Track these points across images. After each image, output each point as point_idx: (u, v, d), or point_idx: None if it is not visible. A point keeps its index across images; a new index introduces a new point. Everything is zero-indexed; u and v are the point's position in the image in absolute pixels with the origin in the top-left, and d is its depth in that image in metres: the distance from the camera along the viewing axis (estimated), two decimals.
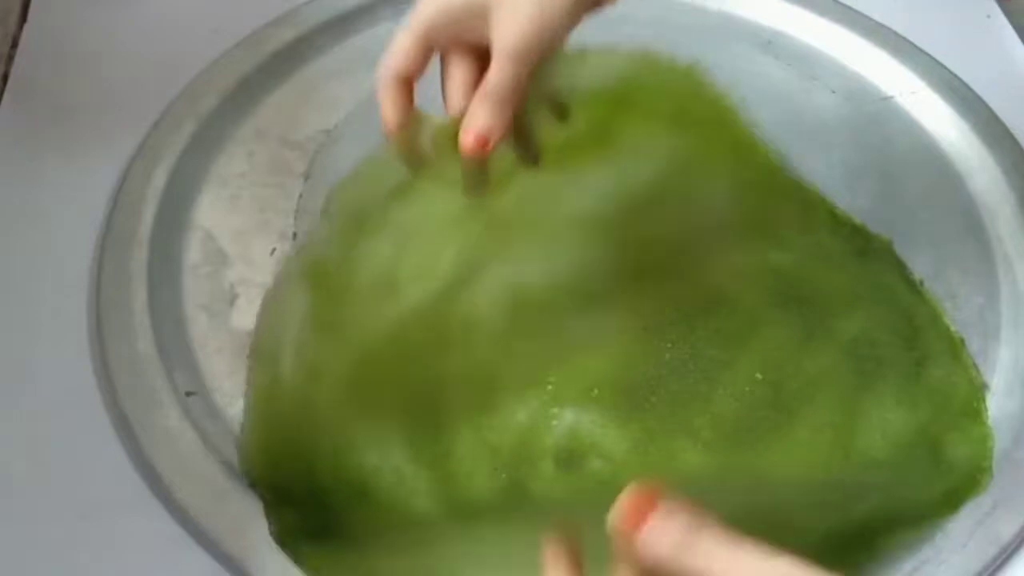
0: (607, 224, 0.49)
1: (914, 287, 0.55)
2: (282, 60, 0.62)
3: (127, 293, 0.51)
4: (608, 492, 0.44)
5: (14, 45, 0.63)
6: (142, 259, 0.52)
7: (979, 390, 0.51)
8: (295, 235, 0.55)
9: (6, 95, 0.60)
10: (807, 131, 0.61)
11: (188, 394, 0.48)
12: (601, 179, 0.49)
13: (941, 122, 0.62)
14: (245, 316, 0.52)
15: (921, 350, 0.52)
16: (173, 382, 0.48)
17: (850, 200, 0.58)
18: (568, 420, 0.47)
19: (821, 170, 0.59)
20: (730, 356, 0.49)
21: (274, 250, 0.54)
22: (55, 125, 0.59)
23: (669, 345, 0.49)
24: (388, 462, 0.46)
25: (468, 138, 0.41)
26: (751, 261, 0.53)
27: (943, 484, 0.48)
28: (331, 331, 0.48)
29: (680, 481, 0.46)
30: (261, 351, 0.50)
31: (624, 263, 0.48)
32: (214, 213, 0.55)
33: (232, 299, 0.52)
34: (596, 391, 0.47)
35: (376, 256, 0.48)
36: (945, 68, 0.65)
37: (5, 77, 0.61)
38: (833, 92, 0.64)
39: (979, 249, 0.57)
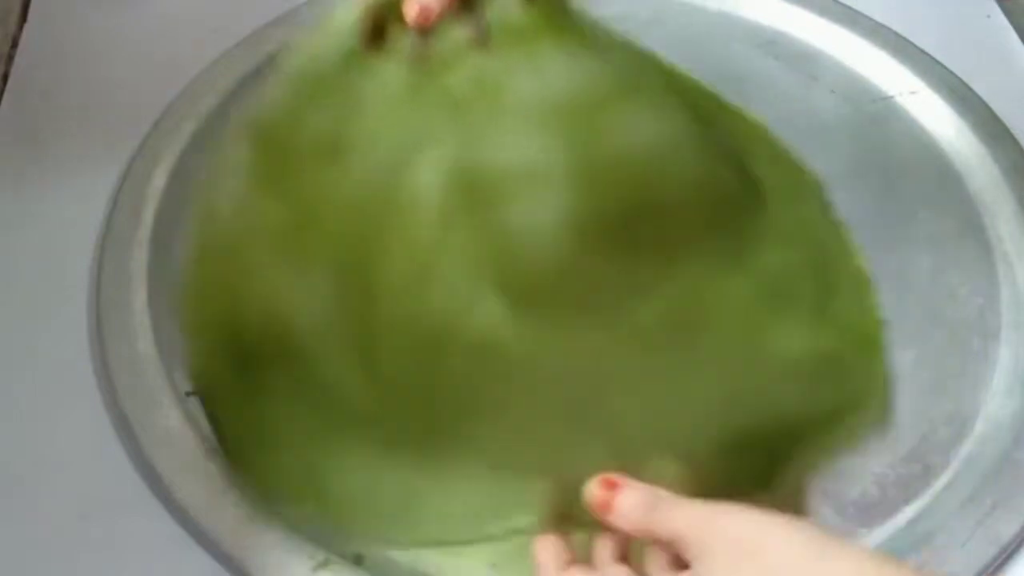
0: (564, 116, 0.47)
1: (833, 225, 0.56)
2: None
3: (127, 293, 0.51)
4: (515, 379, 0.46)
5: (14, 45, 0.63)
6: (142, 259, 0.52)
7: (879, 324, 0.53)
8: None
9: (6, 95, 0.60)
10: (807, 131, 0.61)
11: (188, 394, 0.48)
12: (566, 66, 0.47)
13: (941, 122, 0.62)
14: None
15: (830, 285, 0.54)
16: (173, 382, 0.48)
17: (850, 200, 0.58)
18: (495, 303, 0.46)
19: (821, 170, 0.59)
20: (658, 279, 0.49)
21: None
22: (55, 125, 0.59)
23: (606, 256, 0.47)
24: (315, 317, 0.46)
25: (412, 9, 0.43)
26: (701, 174, 0.51)
27: (843, 401, 0.50)
28: (270, 189, 0.48)
29: (595, 374, 0.46)
30: (202, 206, 0.50)
31: (575, 158, 0.46)
32: None
33: None
34: (529, 286, 0.46)
35: (322, 122, 0.47)
36: (945, 68, 0.65)
37: (5, 77, 0.61)
38: (833, 92, 0.64)
39: (979, 249, 0.57)
